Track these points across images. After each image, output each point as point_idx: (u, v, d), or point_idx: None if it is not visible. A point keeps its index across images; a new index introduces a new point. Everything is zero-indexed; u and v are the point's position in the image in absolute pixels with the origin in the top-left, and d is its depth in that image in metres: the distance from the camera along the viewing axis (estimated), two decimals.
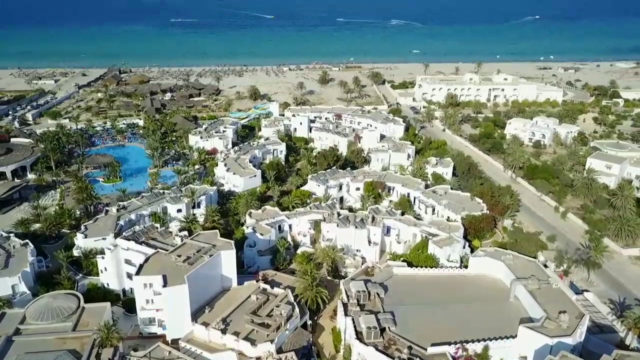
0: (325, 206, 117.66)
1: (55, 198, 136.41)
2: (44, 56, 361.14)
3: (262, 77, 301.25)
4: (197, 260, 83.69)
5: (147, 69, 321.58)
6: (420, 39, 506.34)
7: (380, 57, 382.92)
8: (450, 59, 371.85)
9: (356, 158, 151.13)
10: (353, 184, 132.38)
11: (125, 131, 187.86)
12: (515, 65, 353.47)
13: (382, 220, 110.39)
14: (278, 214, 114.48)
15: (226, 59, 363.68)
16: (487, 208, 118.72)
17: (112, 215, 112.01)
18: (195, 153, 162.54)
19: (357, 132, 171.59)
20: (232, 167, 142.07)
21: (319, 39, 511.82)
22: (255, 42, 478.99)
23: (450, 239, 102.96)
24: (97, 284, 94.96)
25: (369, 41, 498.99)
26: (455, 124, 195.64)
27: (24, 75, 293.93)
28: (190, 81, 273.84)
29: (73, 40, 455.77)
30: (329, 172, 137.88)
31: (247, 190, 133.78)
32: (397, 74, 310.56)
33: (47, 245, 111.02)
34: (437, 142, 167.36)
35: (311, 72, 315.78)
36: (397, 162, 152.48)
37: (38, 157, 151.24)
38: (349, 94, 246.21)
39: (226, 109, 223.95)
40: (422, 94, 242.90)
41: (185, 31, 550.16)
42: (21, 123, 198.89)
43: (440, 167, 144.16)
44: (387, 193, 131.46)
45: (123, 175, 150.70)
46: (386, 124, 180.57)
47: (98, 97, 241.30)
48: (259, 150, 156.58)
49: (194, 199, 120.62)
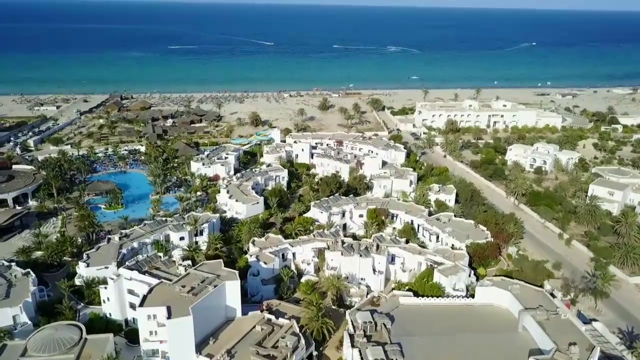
0: (329, 234, 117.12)
1: (56, 225, 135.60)
2: (45, 82, 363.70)
3: (263, 103, 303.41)
4: (202, 291, 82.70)
5: (148, 95, 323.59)
6: (417, 65, 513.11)
7: (379, 84, 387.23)
8: (448, 85, 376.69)
9: (358, 184, 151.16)
10: (356, 211, 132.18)
11: (127, 157, 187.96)
12: (513, 91, 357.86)
13: (386, 248, 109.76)
14: (281, 242, 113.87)
15: (227, 85, 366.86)
16: (491, 236, 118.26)
17: (115, 244, 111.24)
18: (197, 179, 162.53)
19: (358, 159, 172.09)
20: (234, 194, 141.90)
21: (318, 65, 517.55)
22: (255, 68, 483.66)
23: (455, 268, 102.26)
24: (99, 314, 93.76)
25: (368, 67, 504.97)
26: (456, 150, 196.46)
27: (25, 102, 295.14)
28: (191, 107, 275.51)
29: (74, 67, 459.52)
30: (331, 199, 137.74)
31: (249, 217, 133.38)
32: (396, 100, 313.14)
33: (49, 273, 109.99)
34: (439, 169, 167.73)
35: (311, 99, 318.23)
36: (400, 189, 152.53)
37: (40, 184, 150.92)
38: (349, 120, 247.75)
39: (228, 135, 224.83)
40: (422, 120, 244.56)
41: (185, 57, 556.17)
42: (23, 149, 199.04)
43: (443, 194, 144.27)
44: (390, 220, 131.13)
45: (125, 202, 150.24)
46: (387, 150, 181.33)
47: (100, 124, 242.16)
48: (261, 176, 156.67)
49: (197, 226, 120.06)
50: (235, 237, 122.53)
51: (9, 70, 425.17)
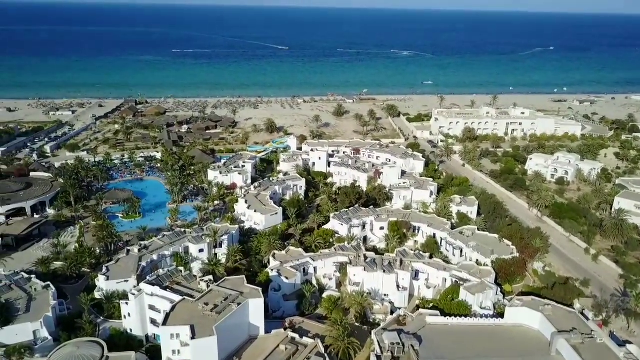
0: (350, 248, 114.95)
1: (74, 234, 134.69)
2: (60, 87, 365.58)
3: (278, 109, 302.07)
4: (225, 309, 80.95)
5: (162, 100, 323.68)
6: (430, 70, 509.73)
7: (393, 89, 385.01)
8: (462, 91, 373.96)
9: (378, 195, 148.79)
10: (377, 223, 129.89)
11: (143, 165, 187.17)
12: (530, 97, 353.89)
13: (410, 263, 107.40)
14: (302, 255, 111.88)
15: (240, 90, 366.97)
16: (517, 251, 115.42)
17: (134, 256, 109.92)
18: (214, 188, 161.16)
19: (377, 168, 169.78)
20: (253, 204, 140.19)
21: (330, 70, 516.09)
22: (267, 73, 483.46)
23: (482, 285, 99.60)
24: (119, 329, 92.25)
25: (381, 72, 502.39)
26: (475, 159, 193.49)
27: (41, 106, 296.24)
28: (206, 113, 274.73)
29: (88, 71, 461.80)
30: (351, 210, 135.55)
31: (268, 228, 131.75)
32: (411, 106, 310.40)
33: (68, 285, 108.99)
34: (459, 179, 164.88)
35: (326, 104, 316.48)
36: (420, 200, 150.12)
37: (57, 192, 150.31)
38: (365, 127, 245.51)
39: (243, 142, 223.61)
40: (439, 128, 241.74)
41: (198, 61, 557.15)
42: (39, 155, 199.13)
43: (464, 205, 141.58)
44: (412, 233, 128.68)
45: (142, 210, 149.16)
46: (405, 159, 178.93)
47: (115, 129, 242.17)
48: (278, 186, 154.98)
49: (216, 238, 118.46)
50: (254, 249, 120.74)
51: (25, 74, 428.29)
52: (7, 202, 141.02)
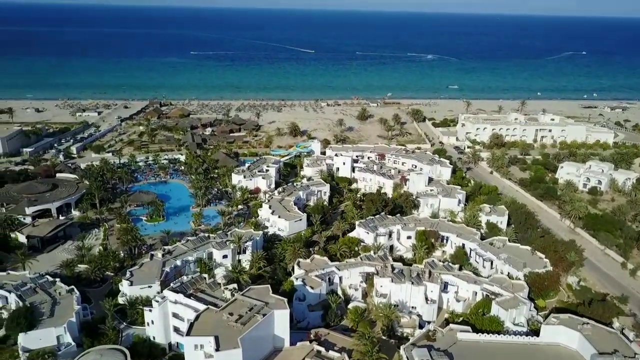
0: (377, 257, 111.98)
1: (98, 237, 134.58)
2: (87, 87, 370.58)
3: (301, 112, 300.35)
4: (250, 320, 78.93)
5: (186, 102, 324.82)
6: (455, 74, 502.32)
7: (418, 93, 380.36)
8: (488, 96, 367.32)
9: (404, 202, 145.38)
10: (404, 232, 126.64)
11: (167, 167, 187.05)
12: (558, 103, 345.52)
13: (439, 275, 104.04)
14: (328, 264, 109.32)
15: (263, 92, 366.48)
16: (550, 264, 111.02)
17: (158, 261, 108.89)
18: (238, 192, 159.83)
19: (403, 174, 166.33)
20: (276, 210, 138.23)
21: (354, 73, 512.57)
22: (290, 75, 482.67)
23: (515, 300, 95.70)
24: (142, 336, 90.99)
25: (405, 76, 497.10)
26: (503, 167, 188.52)
27: (68, 107, 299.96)
28: (230, 116, 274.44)
29: (113, 72, 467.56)
30: (377, 218, 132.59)
31: (292, 234, 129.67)
32: (436, 111, 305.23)
33: (91, 289, 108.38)
34: (487, 187, 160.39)
35: (349, 108, 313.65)
36: (447, 208, 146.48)
37: (83, 193, 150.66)
38: (389, 132, 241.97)
39: (267, 145, 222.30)
40: (466, 133, 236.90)
41: (222, 63, 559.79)
42: (66, 156, 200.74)
43: (494, 215, 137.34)
44: (440, 243, 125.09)
45: (166, 213, 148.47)
46: (432, 165, 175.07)
47: (140, 131, 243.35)
48: (302, 191, 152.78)
49: (240, 244, 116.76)
50: (278, 256, 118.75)
51: (53, 75, 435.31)
52: (34, 203, 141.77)
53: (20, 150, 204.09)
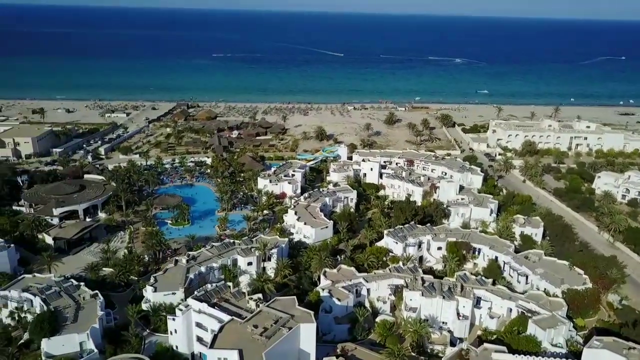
0: (406, 269, 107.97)
1: (124, 239, 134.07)
2: (116, 89, 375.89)
3: (327, 116, 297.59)
4: (276, 333, 76.15)
5: (213, 104, 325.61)
6: (484, 79, 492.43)
7: (447, 97, 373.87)
8: (518, 101, 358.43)
9: (434, 211, 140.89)
10: (434, 243, 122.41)
11: (193, 170, 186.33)
12: (593, 109, 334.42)
13: (472, 290, 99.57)
14: (355, 275, 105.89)
15: (290, 96, 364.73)
16: (589, 281, 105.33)
17: (182, 267, 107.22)
18: (263, 197, 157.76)
19: (432, 181, 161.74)
20: (302, 216, 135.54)
21: (381, 76, 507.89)
22: (316, 79, 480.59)
23: (553, 319, 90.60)
24: (165, 345, 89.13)
25: (434, 80, 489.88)
26: (537, 175, 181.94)
27: (98, 108, 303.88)
28: (256, 119, 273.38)
29: (141, 73, 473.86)
30: (406, 227, 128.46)
31: (318, 242, 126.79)
32: (467, 116, 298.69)
33: (115, 293, 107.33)
34: (521, 197, 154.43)
35: (376, 112, 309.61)
36: (479, 218, 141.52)
37: (109, 195, 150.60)
38: (418, 137, 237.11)
39: (293, 149, 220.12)
40: (497, 140, 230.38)
41: (250, 66, 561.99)
42: (94, 157, 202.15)
43: (528, 227, 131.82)
44: (472, 255, 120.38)
45: (191, 217, 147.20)
46: (463, 172, 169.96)
47: (167, 132, 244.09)
48: (329, 197, 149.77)
49: (265, 251, 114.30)
50: (304, 264, 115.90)
51: (83, 76, 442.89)
52: (62, 205, 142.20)
53: (50, 150, 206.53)
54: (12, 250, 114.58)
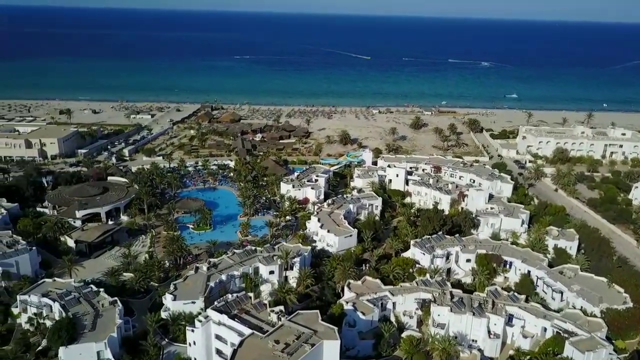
0: (434, 282, 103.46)
1: (145, 243, 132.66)
2: (142, 90, 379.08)
3: (352, 119, 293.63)
4: (297, 350, 72.70)
5: (237, 106, 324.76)
6: (512, 83, 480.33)
7: (474, 101, 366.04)
8: (547, 106, 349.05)
9: (463, 221, 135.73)
10: (463, 255, 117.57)
11: (216, 173, 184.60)
12: (627, 116, 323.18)
13: (504, 307, 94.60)
14: (380, 288, 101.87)
15: (314, 98, 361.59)
16: (630, 299, 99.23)
17: (203, 274, 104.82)
18: (286, 202, 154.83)
19: (461, 189, 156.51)
20: (325, 223, 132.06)
21: (406, 79, 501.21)
22: (340, 82, 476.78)
23: (592, 341, 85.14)
24: (183, 356, 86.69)
25: (460, 83, 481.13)
26: (570, 185, 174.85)
27: (123, 109, 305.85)
28: (280, 122, 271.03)
29: (165, 74, 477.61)
30: (434, 237, 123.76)
31: (341, 251, 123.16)
32: (494, 121, 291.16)
33: (135, 299, 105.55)
34: (554, 207, 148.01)
35: (402, 116, 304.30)
36: (509, 229, 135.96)
37: (132, 198, 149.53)
38: (445, 142, 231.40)
39: (316, 153, 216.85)
40: (527, 147, 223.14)
41: (273, 68, 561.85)
42: (118, 159, 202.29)
43: (562, 239, 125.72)
44: (503, 269, 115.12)
45: (213, 222, 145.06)
46: (492, 180, 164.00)
47: (190, 134, 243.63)
48: (353, 204, 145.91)
49: (288, 260, 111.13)
50: (327, 274, 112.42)
51: (110, 76, 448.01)
52: (84, 207, 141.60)
53: (75, 151, 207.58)
54: (33, 253, 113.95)
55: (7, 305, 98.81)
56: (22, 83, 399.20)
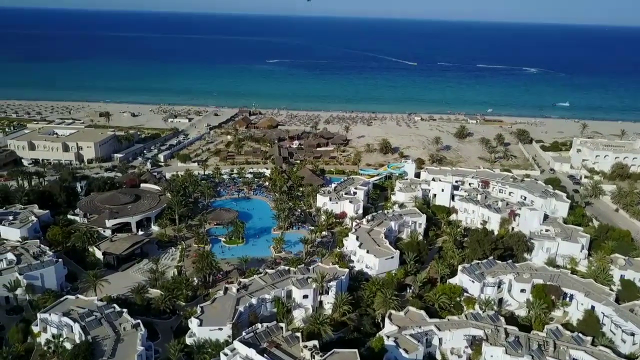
0: (486, 317, 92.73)
1: (174, 257, 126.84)
2: (181, 93, 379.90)
3: (392, 127, 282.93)
4: None
5: (276, 111, 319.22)
6: (563, 91, 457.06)
7: (522, 110, 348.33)
8: (602, 116, 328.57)
9: (516, 244, 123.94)
10: (517, 284, 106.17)
11: (251, 182, 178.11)
12: None
13: (567, 350, 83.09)
14: (425, 321, 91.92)
15: (353, 104, 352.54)
16: None
17: (232, 297, 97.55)
18: (322, 216, 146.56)
19: (512, 208, 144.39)
20: (365, 242, 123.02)
21: (449, 86, 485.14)
22: (380, 87, 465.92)
23: None
24: None
25: (506, 90, 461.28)
26: (634, 205, 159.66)
27: (162, 112, 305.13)
28: (318, 128, 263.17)
29: (203, 78, 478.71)
30: (484, 263, 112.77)
31: (382, 274, 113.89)
32: (544, 132, 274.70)
33: (160, 320, 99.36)
34: (618, 231, 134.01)
35: (445, 124, 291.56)
36: (567, 254, 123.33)
37: (163, 208, 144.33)
38: (492, 154, 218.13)
39: (355, 162, 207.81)
40: (582, 161, 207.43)
41: (312, 72, 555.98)
42: (153, 164, 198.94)
43: (630, 269, 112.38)
44: (563, 301, 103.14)
45: (245, 235, 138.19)
46: (545, 198, 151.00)
47: (227, 140, 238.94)
48: (394, 221, 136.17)
49: (323, 284, 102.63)
50: (365, 300, 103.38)
51: (148, 79, 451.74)
52: (115, 216, 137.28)
53: (111, 155, 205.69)
54: (59, 265, 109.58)
55: (28, 323, 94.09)
56: (67, 85, 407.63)
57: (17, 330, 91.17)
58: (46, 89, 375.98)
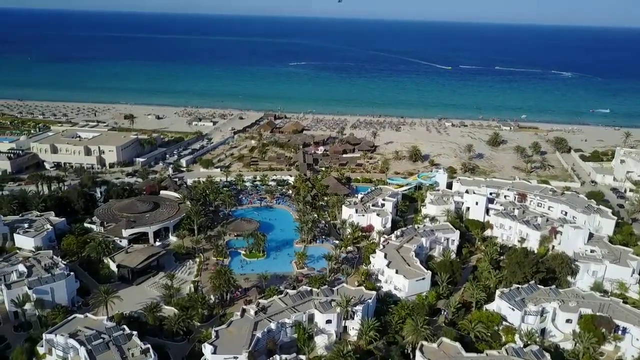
0: (529, 353, 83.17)
1: (192, 271, 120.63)
2: (206, 95, 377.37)
3: (422, 132, 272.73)
4: None
5: (301, 115, 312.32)
6: (600, 96, 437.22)
7: (558, 116, 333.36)
8: None
9: (560, 267, 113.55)
10: (562, 313, 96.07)
11: (274, 190, 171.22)
12: None
13: None
14: (461, 355, 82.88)
15: (381, 108, 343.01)
16: None
17: (249, 320, 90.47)
18: (348, 229, 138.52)
19: (553, 225, 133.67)
20: (393, 260, 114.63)
21: (480, 90, 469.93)
22: (408, 91, 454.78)
23: None
24: None
25: (540, 95, 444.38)
26: None
27: (186, 115, 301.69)
28: (344, 133, 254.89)
29: (227, 80, 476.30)
30: (525, 288, 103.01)
31: (412, 296, 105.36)
32: (583, 140, 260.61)
33: (172, 342, 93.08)
34: None
35: (477, 130, 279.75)
36: (616, 279, 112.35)
37: (182, 217, 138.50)
38: (528, 164, 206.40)
39: (383, 170, 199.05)
40: (627, 173, 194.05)
41: (340, 75, 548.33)
42: (175, 169, 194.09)
43: None
44: (615, 335, 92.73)
45: (266, 247, 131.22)
46: (589, 214, 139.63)
47: (251, 145, 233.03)
48: (426, 238, 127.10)
49: (349, 308, 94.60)
50: (394, 325, 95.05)
51: (174, 82, 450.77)
52: (132, 225, 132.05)
53: (134, 159, 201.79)
54: (71, 279, 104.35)
55: (34, 342, 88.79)
56: (96, 85, 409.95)
57: (22, 351, 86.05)
58: (74, 90, 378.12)
